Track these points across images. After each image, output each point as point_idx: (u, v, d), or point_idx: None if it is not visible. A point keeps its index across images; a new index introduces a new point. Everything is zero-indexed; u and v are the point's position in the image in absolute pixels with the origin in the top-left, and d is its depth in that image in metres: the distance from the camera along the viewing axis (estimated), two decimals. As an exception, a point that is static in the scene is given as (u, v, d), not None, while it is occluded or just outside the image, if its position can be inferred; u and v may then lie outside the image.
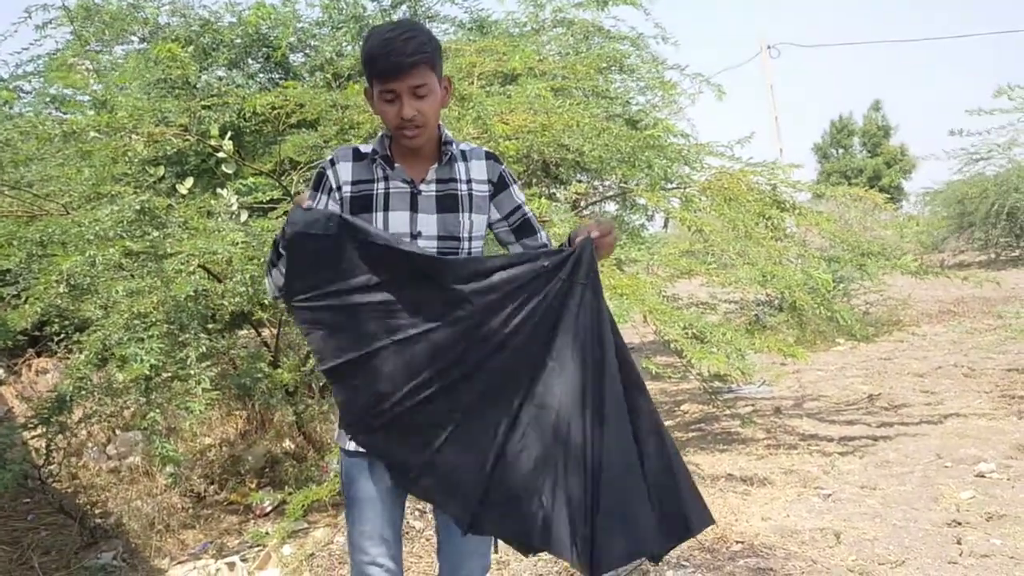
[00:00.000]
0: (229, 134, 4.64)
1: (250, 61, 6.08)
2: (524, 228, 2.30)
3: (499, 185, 2.26)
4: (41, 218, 4.34)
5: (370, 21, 6.09)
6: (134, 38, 6.15)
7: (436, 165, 2.19)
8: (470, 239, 2.21)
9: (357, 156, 2.20)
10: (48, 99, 5.85)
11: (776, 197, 5.18)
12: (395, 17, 6.77)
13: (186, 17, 5.94)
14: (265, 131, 5.20)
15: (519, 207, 2.29)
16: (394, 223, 2.15)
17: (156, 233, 4.06)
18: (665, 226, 8.42)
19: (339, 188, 2.16)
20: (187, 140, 4.61)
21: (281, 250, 2.10)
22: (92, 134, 4.42)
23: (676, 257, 5.06)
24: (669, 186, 5.39)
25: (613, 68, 6.49)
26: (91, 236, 3.79)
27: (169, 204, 4.28)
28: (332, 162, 2.19)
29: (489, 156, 2.27)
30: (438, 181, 2.19)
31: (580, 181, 6.41)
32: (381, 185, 2.16)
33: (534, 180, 6.16)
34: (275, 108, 4.68)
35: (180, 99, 4.71)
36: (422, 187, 2.17)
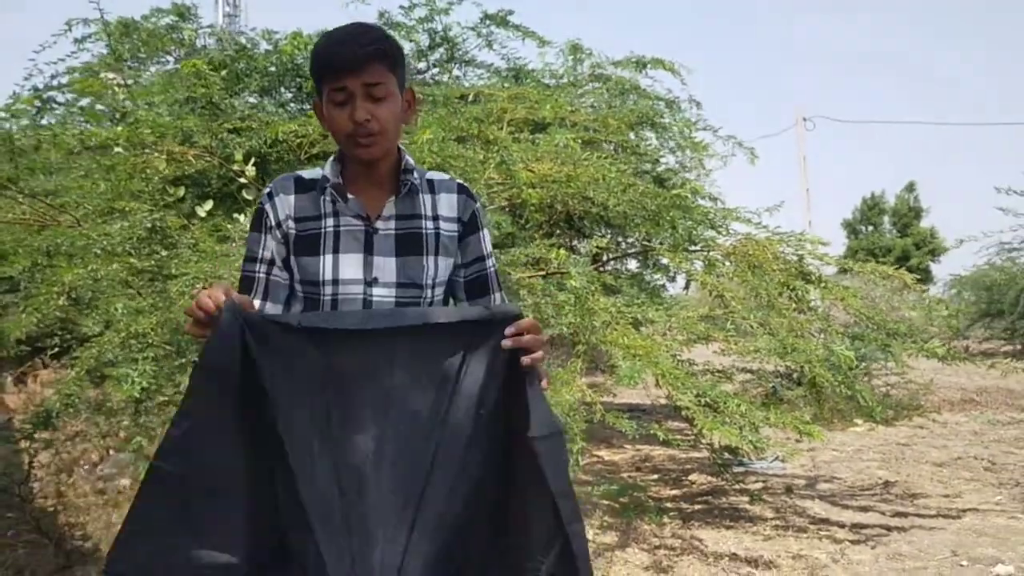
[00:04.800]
0: (253, 160, 4.60)
1: (282, 90, 6.07)
2: (480, 285, 1.95)
3: (469, 226, 1.92)
4: (51, 228, 4.29)
5: (406, 60, 6.08)
6: (170, 58, 6.17)
7: (395, 197, 1.85)
8: (433, 286, 1.86)
9: (300, 186, 1.86)
10: (78, 111, 5.85)
11: (802, 268, 5.04)
12: (431, 59, 6.76)
13: (223, 41, 5.96)
14: (289, 159, 5.16)
15: (483, 258, 1.95)
16: (345, 268, 1.80)
17: (165, 253, 3.99)
18: (686, 288, 8.29)
19: (279, 225, 1.83)
20: (209, 162, 4.57)
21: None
22: (116, 148, 4.39)
23: (695, 321, 4.91)
24: (693, 248, 5.27)
25: (645, 125, 6.43)
26: (98, 250, 3.73)
27: (183, 224, 4.22)
28: (270, 195, 1.85)
29: (462, 190, 1.93)
30: (398, 217, 1.85)
31: (602, 235, 6.30)
32: (330, 222, 1.82)
33: (556, 231, 6.07)
34: (299, 136, 4.63)
35: (204, 119, 4.68)
36: (379, 224, 1.83)
